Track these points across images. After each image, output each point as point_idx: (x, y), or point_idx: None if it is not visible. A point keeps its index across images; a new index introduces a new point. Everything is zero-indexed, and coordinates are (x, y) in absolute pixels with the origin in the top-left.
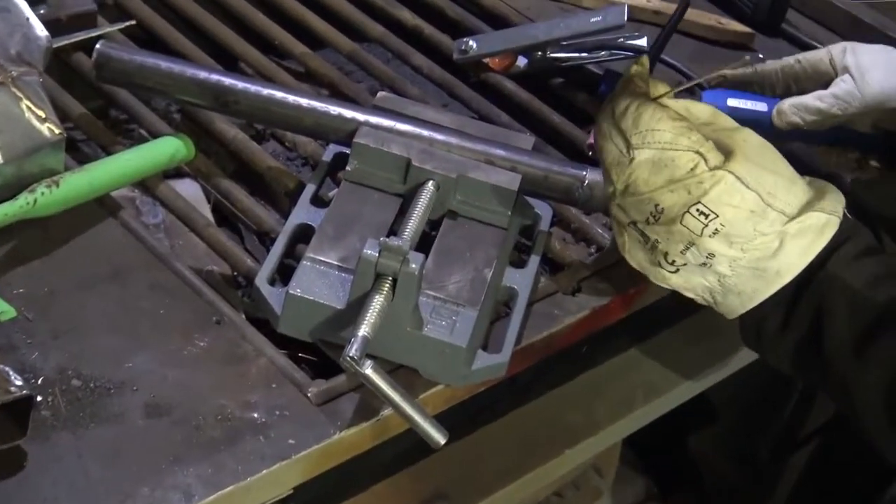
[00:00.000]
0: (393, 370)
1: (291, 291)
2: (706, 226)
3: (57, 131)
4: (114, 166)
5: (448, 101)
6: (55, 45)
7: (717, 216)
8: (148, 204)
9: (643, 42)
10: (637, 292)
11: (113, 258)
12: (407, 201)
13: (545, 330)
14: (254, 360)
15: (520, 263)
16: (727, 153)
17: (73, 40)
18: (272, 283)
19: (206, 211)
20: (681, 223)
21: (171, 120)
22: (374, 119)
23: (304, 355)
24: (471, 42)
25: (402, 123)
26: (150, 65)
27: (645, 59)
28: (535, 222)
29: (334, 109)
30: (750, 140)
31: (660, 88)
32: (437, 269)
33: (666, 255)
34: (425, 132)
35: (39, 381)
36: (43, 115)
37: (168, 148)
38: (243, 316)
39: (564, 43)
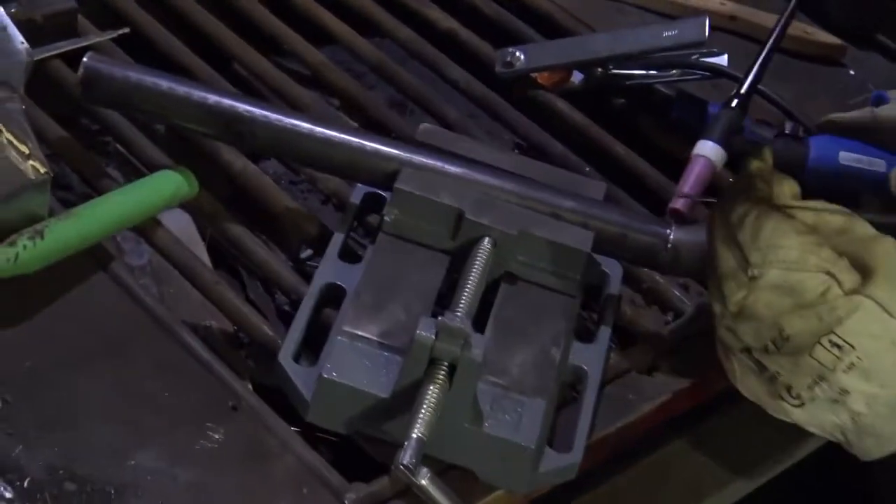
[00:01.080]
0: (444, 470)
1: (326, 375)
2: (840, 359)
3: (42, 170)
4: (106, 210)
5: (489, 123)
6: (35, 59)
7: (854, 348)
8: (131, 241)
9: (723, 60)
10: (723, 371)
11: (106, 325)
12: (457, 260)
13: (620, 419)
14: (279, 457)
15: (586, 335)
16: (865, 271)
17: (56, 52)
18: (297, 358)
19: (201, 250)
20: (810, 355)
21: (166, 142)
22: (417, 159)
23: (322, 435)
24: (518, 53)
25: (453, 165)
26: (148, 84)
27: (768, 154)
28: (604, 283)
29: (370, 145)
30: (892, 253)
31: (786, 190)
32: (497, 348)
33: (789, 388)
34: (480, 177)
35: (25, 484)
36: (27, 152)
37: (168, 185)
38: (258, 396)
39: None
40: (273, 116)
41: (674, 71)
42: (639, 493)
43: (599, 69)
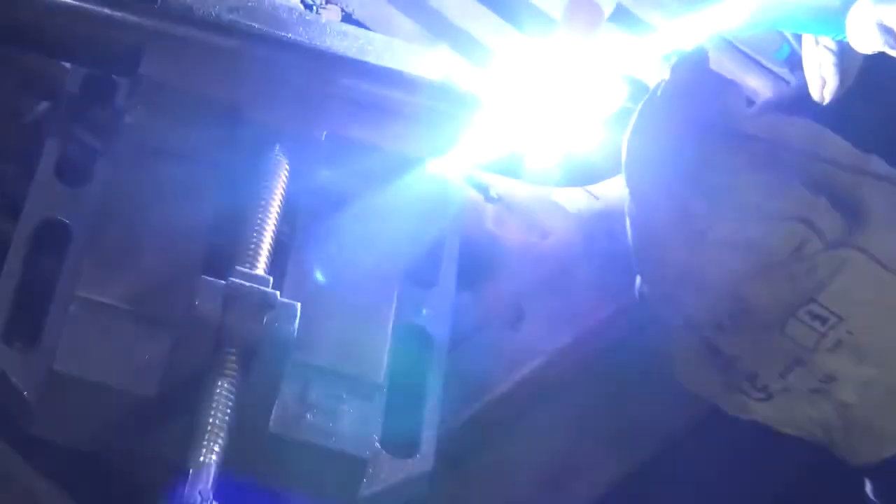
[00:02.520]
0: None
1: (58, 368)
2: (823, 335)
3: None
4: None
5: None
6: None
7: (842, 319)
8: None
9: None
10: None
11: None
12: (238, 180)
13: (477, 399)
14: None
15: (424, 275)
16: (852, 212)
17: None
18: (6, 339)
19: None
20: (781, 332)
21: None
22: (173, 28)
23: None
24: None
25: (225, 37)
26: None
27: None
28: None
29: (95, 7)
30: (889, 189)
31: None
32: (306, 316)
33: (753, 377)
34: (268, 53)
35: None
36: None
37: None
38: None
39: None
40: None
41: None
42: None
43: None
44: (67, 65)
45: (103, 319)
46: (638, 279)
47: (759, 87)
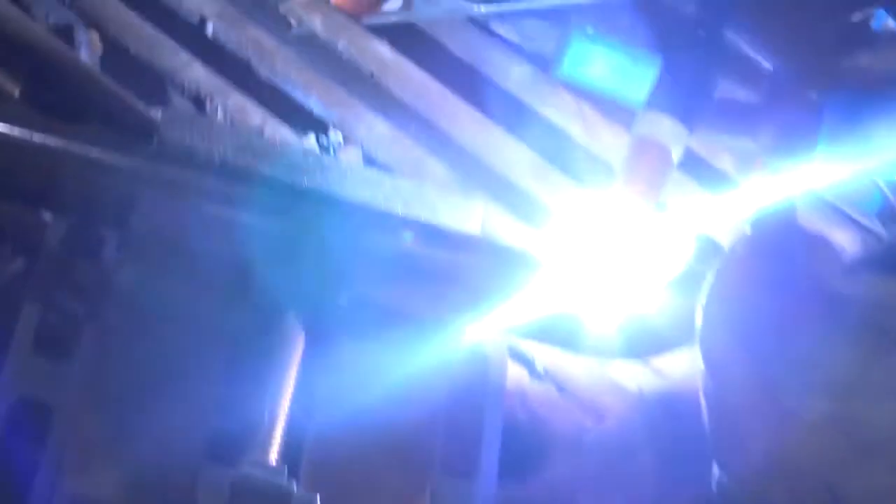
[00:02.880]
0: None
1: None
2: None
3: None
4: None
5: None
6: None
7: None
8: None
9: None
10: None
11: None
12: (245, 354)
13: None
14: None
15: (462, 467)
16: None
17: None
18: None
19: None
20: None
21: None
22: (167, 172)
23: None
24: None
25: (233, 183)
26: None
27: None
28: None
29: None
30: None
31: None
32: None
33: None
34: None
35: None
36: None
37: None
38: None
39: None
40: None
41: None
42: None
43: None
44: (47, 215)
45: None
46: (715, 468)
47: (848, 242)
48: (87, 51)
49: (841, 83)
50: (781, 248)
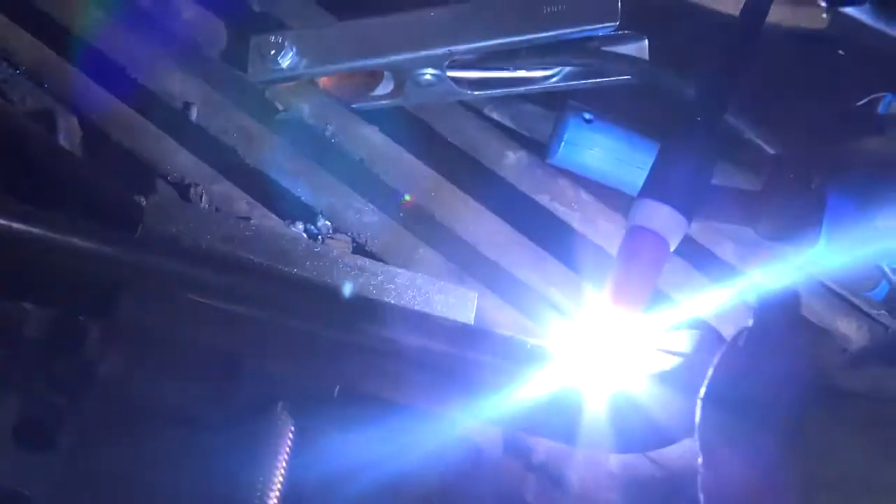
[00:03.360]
0: None
1: None
2: None
3: None
4: None
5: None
6: None
7: None
8: None
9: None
10: None
11: None
12: (232, 450)
13: None
14: None
15: None
16: None
17: None
18: None
19: None
20: None
21: None
22: (153, 261)
23: None
24: (284, 42)
25: (219, 272)
26: None
27: None
28: None
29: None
30: None
31: None
32: None
33: None
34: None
35: None
36: None
37: None
38: None
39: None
40: None
41: (557, 73)
42: None
43: (429, 72)
44: (28, 305)
45: None
46: None
47: (852, 332)
48: (67, 136)
49: (845, 168)
50: (783, 341)
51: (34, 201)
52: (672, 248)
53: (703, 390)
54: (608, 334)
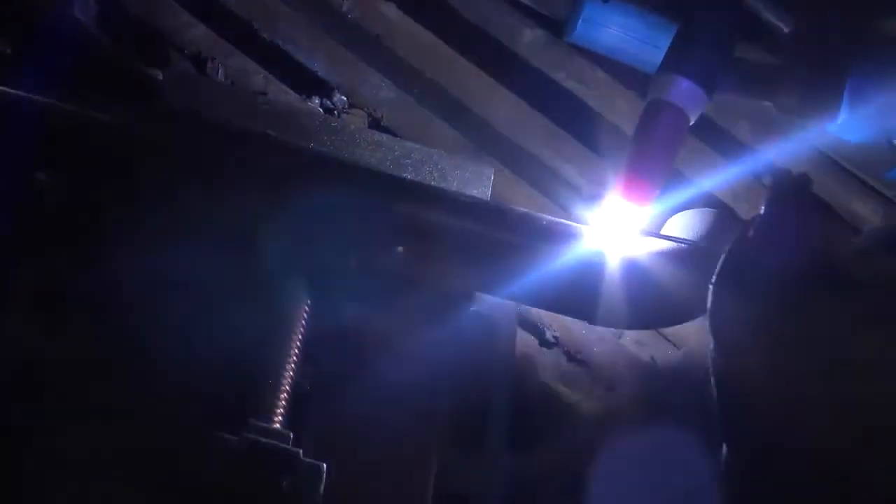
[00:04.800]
0: None
1: None
2: None
3: None
4: None
5: None
6: None
7: None
8: None
9: None
10: None
11: None
12: (250, 318)
13: None
14: None
15: (470, 437)
16: None
17: None
18: None
19: None
20: None
21: None
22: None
23: None
24: None
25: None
26: None
27: None
28: None
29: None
30: None
31: None
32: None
33: None
34: None
35: None
36: None
37: None
38: None
39: None
40: None
41: None
42: None
43: None
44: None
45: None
46: (724, 448)
47: (866, 211)
48: (83, 9)
49: (866, 46)
50: (795, 229)
51: (51, 74)
52: (692, 122)
53: (714, 277)
54: (626, 210)
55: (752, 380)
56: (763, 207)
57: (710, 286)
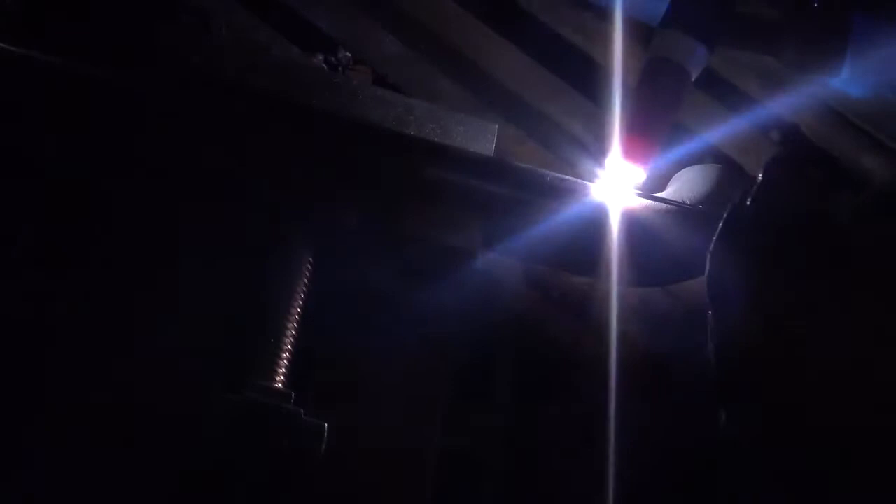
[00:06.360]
0: None
1: None
2: None
3: None
4: None
5: None
6: None
7: None
8: None
9: None
10: None
11: None
12: (251, 277)
13: None
14: None
15: (474, 391)
16: None
17: None
18: None
19: None
20: None
21: None
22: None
23: None
24: None
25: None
26: None
27: None
28: None
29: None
30: None
31: None
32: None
33: None
34: None
35: None
36: None
37: None
38: None
39: None
40: None
41: None
42: None
43: None
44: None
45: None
46: (722, 415)
47: (877, 167)
48: None
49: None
50: (793, 195)
51: (54, 32)
52: (693, 77)
53: (713, 243)
54: (629, 167)
55: (749, 347)
56: (761, 173)
57: (708, 253)
